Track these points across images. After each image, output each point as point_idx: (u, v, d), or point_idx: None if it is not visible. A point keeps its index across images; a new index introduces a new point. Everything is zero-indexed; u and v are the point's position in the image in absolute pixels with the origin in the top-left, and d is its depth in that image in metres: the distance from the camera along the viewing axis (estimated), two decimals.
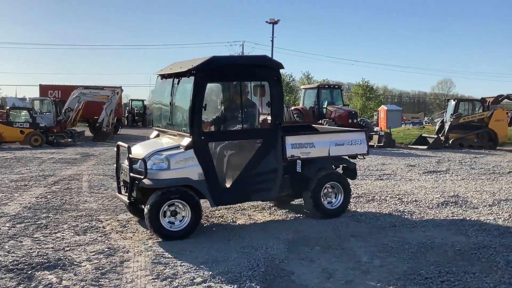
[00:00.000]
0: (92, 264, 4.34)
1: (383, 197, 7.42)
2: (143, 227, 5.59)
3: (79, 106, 20.49)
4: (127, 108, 39.00)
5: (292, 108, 21.91)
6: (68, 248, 4.81)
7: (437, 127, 20.10)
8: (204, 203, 5.64)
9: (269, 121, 6.00)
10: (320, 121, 19.89)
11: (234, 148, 5.99)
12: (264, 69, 5.96)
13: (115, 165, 6.29)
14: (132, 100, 40.79)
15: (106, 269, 4.20)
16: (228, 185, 5.71)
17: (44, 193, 7.72)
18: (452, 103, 22.12)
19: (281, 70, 5.96)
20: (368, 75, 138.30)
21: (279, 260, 4.44)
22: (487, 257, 4.38)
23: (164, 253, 4.69)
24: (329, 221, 5.86)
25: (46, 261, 4.37)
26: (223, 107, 6.32)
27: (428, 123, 35.14)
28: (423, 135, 20.19)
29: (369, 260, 4.40)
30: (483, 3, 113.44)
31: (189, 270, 4.18)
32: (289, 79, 65.63)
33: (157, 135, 6.36)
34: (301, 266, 4.30)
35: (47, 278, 3.98)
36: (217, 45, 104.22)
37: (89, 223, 5.85)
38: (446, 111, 21.90)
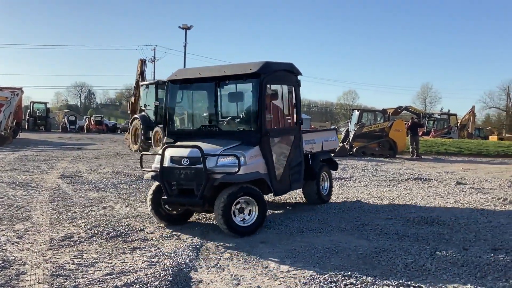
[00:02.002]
0: None
1: (291, 204, 7.59)
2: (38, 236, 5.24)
3: None
4: (28, 111, 36.82)
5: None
6: None
7: (342, 136, 20.94)
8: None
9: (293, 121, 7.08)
10: None
11: (275, 144, 6.44)
12: (292, 74, 6.84)
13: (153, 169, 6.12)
14: (33, 102, 38.57)
15: None
16: (278, 177, 6.32)
17: None
18: (356, 113, 23.27)
19: None
20: None
21: (187, 268, 4.36)
22: (387, 260, 4.60)
23: (65, 264, 4.42)
24: None
25: None
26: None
27: None
28: None
29: (277, 266, 4.46)
30: (385, 21, 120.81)
31: (92, 282, 3.96)
32: None
33: (174, 141, 6.42)
34: (210, 274, 4.26)
35: None
36: (128, 49, 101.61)
37: None
38: (350, 121, 22.99)
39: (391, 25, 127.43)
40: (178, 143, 6.23)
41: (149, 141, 19.58)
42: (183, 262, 4.52)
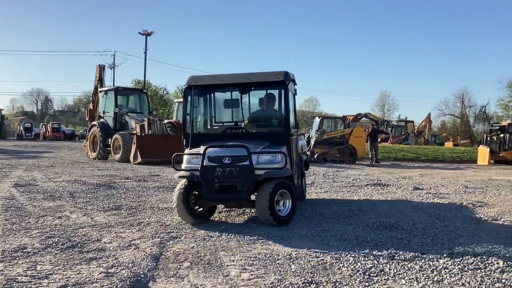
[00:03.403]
0: None
1: (253, 210, 7.55)
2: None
3: None
4: None
5: (166, 121, 21.57)
6: None
7: None
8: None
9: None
10: None
11: (292, 145, 7.27)
12: (293, 83, 7.40)
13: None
14: None
15: None
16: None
17: None
18: (317, 120, 23.55)
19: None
20: None
21: (146, 279, 4.25)
22: (347, 266, 4.63)
23: (17, 277, 4.23)
24: (199, 235, 5.81)
25: None
26: None
27: None
28: None
29: (238, 274, 4.40)
30: (344, 29, 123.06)
31: None
32: (163, 92, 64.55)
33: (196, 144, 6.90)
34: (169, 283, 4.16)
35: None
36: (87, 54, 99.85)
37: None
38: (311, 128, 23.23)
39: (350, 33, 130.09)
40: (215, 143, 6.67)
41: (108, 149, 19.22)
42: (141, 272, 4.40)
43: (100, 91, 21.17)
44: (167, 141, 17.79)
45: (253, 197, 6.56)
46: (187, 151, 6.89)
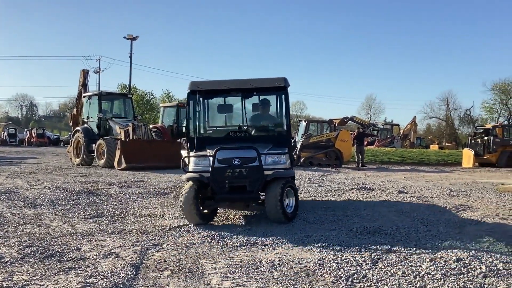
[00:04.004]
0: None
1: (236, 216, 7.49)
2: None
3: None
4: None
5: (151, 126, 21.45)
6: None
7: None
8: None
9: None
10: (179, 140, 19.72)
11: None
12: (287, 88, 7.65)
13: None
14: None
15: None
16: None
17: None
18: (303, 124, 23.55)
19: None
20: None
21: None
22: (330, 272, 4.58)
23: None
24: (180, 243, 5.73)
25: None
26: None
27: None
28: None
29: (219, 282, 4.34)
30: (330, 33, 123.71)
31: None
32: (149, 97, 64.19)
33: (200, 147, 7.19)
34: None
35: None
36: (72, 59, 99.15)
37: None
38: (297, 132, 23.23)
39: (336, 37, 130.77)
40: (226, 145, 6.93)
41: (92, 154, 19.02)
42: (120, 282, 4.31)
43: (84, 96, 20.96)
44: (152, 146, 17.66)
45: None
46: (193, 153, 7.07)
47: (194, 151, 7.16)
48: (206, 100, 7.86)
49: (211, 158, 6.69)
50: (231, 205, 7.31)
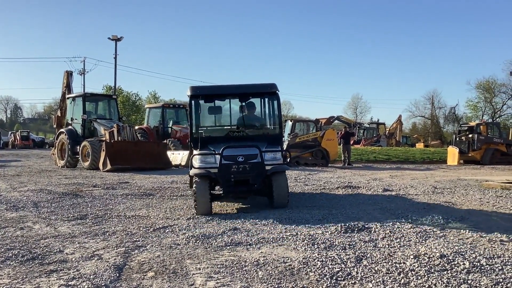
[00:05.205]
0: None
1: (222, 217, 7.46)
2: None
3: None
4: None
5: (137, 127, 21.31)
6: None
7: None
8: None
9: None
10: (164, 141, 19.61)
11: None
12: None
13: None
14: None
15: None
16: None
17: None
18: (290, 123, 23.56)
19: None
20: None
21: None
22: (315, 270, 4.57)
23: None
24: (165, 244, 5.68)
25: None
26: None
27: None
28: None
29: (203, 283, 4.30)
30: (315, 32, 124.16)
31: None
32: (135, 98, 63.81)
33: (202, 147, 7.97)
34: None
35: None
36: (56, 61, 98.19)
37: None
38: (284, 131, 23.25)
39: (322, 37, 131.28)
40: (231, 144, 7.82)
41: (77, 156, 18.85)
42: (103, 284, 4.26)
43: (68, 98, 20.76)
44: (137, 147, 17.54)
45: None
46: (197, 151, 7.81)
47: (198, 149, 7.88)
48: (207, 104, 8.57)
49: (217, 156, 7.48)
50: (235, 196, 8.24)
